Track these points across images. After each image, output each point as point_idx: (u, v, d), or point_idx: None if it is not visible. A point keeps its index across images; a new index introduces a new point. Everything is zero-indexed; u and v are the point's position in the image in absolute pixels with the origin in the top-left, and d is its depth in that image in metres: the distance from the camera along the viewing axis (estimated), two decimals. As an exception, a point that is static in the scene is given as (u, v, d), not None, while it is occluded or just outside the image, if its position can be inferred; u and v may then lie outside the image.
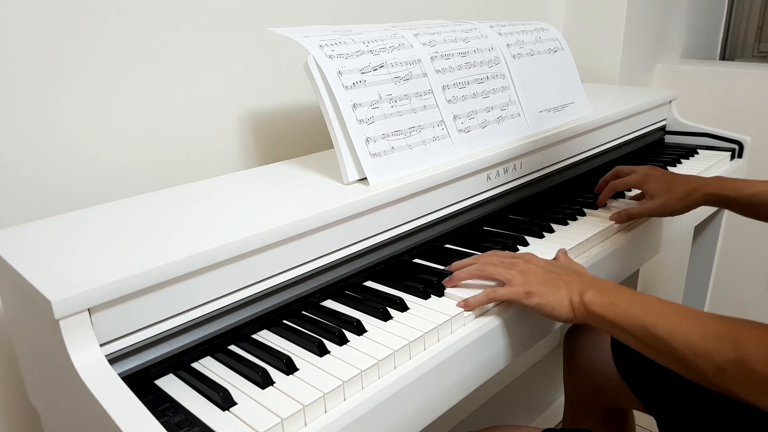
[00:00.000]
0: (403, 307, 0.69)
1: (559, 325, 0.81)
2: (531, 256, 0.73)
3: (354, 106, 0.78)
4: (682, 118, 1.41)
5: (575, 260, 0.84)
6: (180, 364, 0.60)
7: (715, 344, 0.53)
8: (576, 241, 0.86)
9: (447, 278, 0.73)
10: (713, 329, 0.54)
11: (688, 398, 0.84)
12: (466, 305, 0.68)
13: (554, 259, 0.77)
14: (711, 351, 0.53)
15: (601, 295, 0.63)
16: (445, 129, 0.87)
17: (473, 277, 0.72)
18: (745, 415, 0.78)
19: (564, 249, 0.80)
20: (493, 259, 0.73)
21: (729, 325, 0.54)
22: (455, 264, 0.75)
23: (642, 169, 0.96)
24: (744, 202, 0.88)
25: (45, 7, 0.78)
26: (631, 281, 1.82)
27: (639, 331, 0.59)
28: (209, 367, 0.61)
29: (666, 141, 1.43)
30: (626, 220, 0.93)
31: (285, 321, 0.68)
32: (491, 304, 0.71)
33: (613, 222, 0.93)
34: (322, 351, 0.61)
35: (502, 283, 0.70)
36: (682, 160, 1.28)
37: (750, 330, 0.52)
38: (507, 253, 0.75)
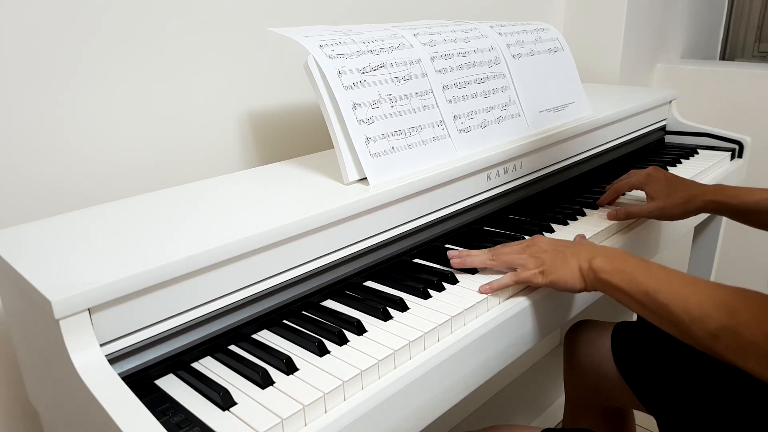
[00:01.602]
0: (403, 307, 0.69)
1: (561, 323, 0.81)
2: (538, 238, 0.76)
3: (354, 106, 0.78)
4: (682, 118, 1.41)
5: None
6: (180, 364, 0.60)
7: (710, 311, 0.56)
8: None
9: (457, 256, 0.75)
10: (710, 296, 0.56)
11: (688, 398, 0.84)
12: (490, 288, 0.71)
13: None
14: (706, 317, 0.56)
15: (609, 261, 0.66)
16: (445, 129, 0.87)
17: (486, 266, 0.76)
18: (744, 415, 0.78)
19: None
20: (505, 249, 0.75)
21: (725, 293, 0.56)
22: (465, 251, 0.77)
23: (645, 170, 0.96)
24: (745, 210, 0.87)
25: (44, 6, 0.78)
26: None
27: (642, 296, 0.62)
28: (209, 367, 0.61)
29: (666, 141, 1.43)
30: (623, 218, 0.93)
31: (285, 321, 0.68)
32: (500, 298, 0.72)
33: (611, 219, 0.93)
34: (322, 351, 0.61)
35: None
36: (682, 160, 1.28)
37: (744, 299, 0.55)
38: (515, 242, 0.77)
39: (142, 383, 0.57)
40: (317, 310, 0.70)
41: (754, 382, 0.78)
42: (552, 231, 0.90)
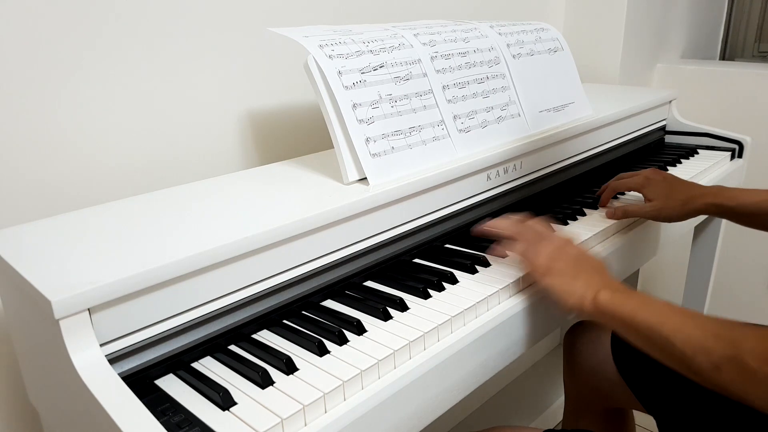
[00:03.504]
0: (403, 307, 0.69)
1: (562, 321, 0.81)
2: (569, 242, 0.75)
3: (354, 106, 0.78)
4: (682, 118, 1.41)
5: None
6: (180, 364, 0.60)
7: (713, 342, 0.55)
8: (576, 241, 0.85)
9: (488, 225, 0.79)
10: (712, 328, 0.56)
11: (688, 398, 0.84)
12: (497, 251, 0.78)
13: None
14: (709, 349, 0.55)
15: (614, 295, 0.66)
16: (445, 129, 0.87)
17: (506, 235, 0.77)
18: (744, 415, 0.78)
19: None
20: (531, 232, 0.76)
21: (727, 325, 0.56)
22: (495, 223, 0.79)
23: (644, 173, 0.96)
24: (744, 211, 0.87)
25: (44, 6, 0.78)
26: (631, 281, 1.82)
27: (645, 330, 0.62)
28: (209, 367, 0.61)
29: (666, 141, 1.43)
30: (621, 217, 0.93)
31: (285, 321, 0.68)
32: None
33: (609, 218, 0.93)
34: (322, 351, 0.61)
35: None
36: (682, 160, 1.28)
37: (746, 330, 0.54)
38: (550, 229, 0.78)
39: (142, 383, 0.57)
40: (317, 310, 0.70)
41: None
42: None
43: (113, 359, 0.55)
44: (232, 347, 0.64)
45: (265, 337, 0.65)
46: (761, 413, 0.77)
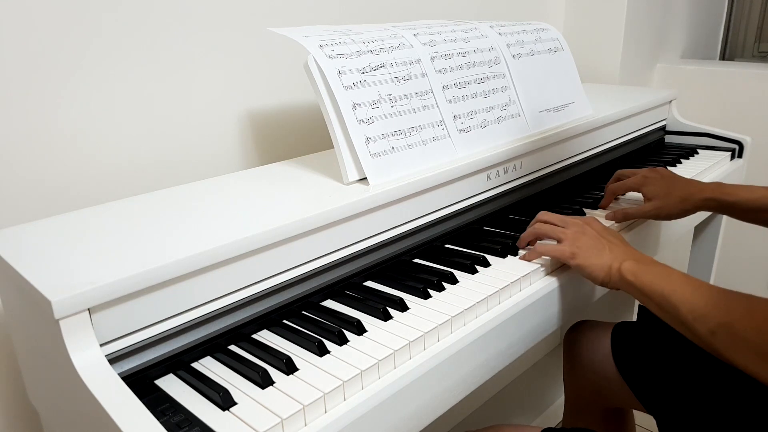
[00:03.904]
0: (403, 307, 0.69)
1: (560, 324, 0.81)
2: (591, 219, 0.81)
3: (354, 106, 0.78)
4: (682, 118, 1.41)
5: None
6: (180, 364, 0.60)
7: (711, 309, 0.62)
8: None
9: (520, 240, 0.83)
10: (712, 297, 0.62)
11: (687, 398, 0.84)
12: (525, 257, 0.79)
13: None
14: (707, 315, 0.62)
15: (637, 265, 0.71)
16: (445, 129, 0.87)
17: (532, 236, 0.82)
18: (744, 414, 0.78)
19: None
20: (550, 217, 0.81)
21: (725, 295, 0.62)
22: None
23: (641, 172, 0.96)
24: (744, 207, 0.87)
25: (45, 6, 0.78)
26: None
27: (658, 297, 0.68)
28: (209, 367, 0.61)
29: (666, 141, 1.43)
30: (622, 220, 0.93)
31: (285, 321, 0.68)
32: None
33: (613, 222, 0.93)
34: (322, 351, 0.61)
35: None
36: (682, 160, 1.28)
37: (740, 300, 0.60)
38: (567, 216, 0.82)
39: (142, 383, 0.57)
40: (317, 310, 0.70)
41: (753, 382, 0.78)
42: (552, 231, 0.90)
43: (113, 359, 0.55)
44: (232, 347, 0.64)
45: (265, 337, 0.65)
46: (761, 413, 0.77)
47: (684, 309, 0.64)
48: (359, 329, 0.64)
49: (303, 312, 0.70)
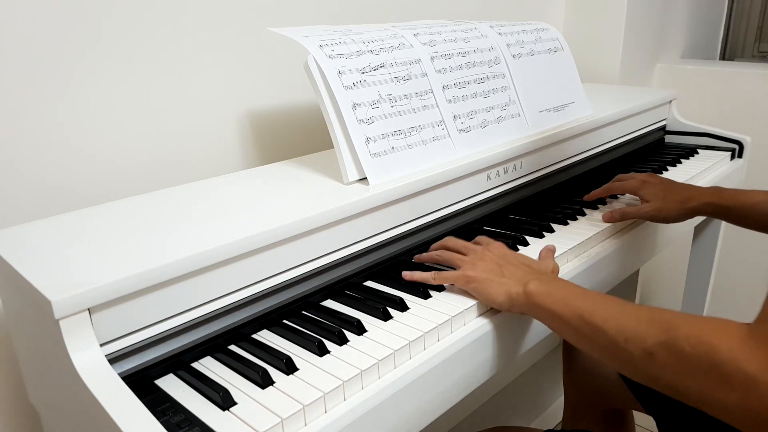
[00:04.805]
0: (403, 307, 0.69)
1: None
2: (494, 246, 0.75)
3: (354, 106, 0.78)
4: (682, 118, 1.41)
5: (575, 259, 0.84)
6: (180, 364, 0.60)
7: (647, 327, 0.53)
8: (576, 240, 0.86)
9: (408, 272, 0.75)
10: (647, 314, 0.54)
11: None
12: (406, 274, 0.74)
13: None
14: (642, 334, 0.53)
15: (542, 285, 0.65)
16: (445, 129, 0.87)
17: (432, 261, 0.78)
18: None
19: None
20: (454, 243, 0.77)
21: (662, 312, 0.54)
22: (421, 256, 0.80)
23: (640, 176, 0.96)
24: (743, 212, 0.86)
25: (44, 6, 0.78)
26: (631, 281, 1.82)
27: (575, 320, 0.60)
28: (209, 367, 0.61)
29: (666, 141, 1.43)
30: (618, 220, 0.93)
31: (285, 321, 0.68)
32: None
33: (606, 221, 0.93)
34: (322, 351, 0.61)
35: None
36: (682, 160, 1.28)
37: (680, 316, 0.53)
38: (466, 243, 0.77)
39: (142, 383, 0.57)
40: (317, 310, 0.70)
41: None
42: (552, 231, 0.90)
43: (113, 359, 0.55)
44: (232, 347, 0.64)
45: (265, 337, 0.65)
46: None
47: (611, 330, 0.56)
48: (359, 329, 0.64)
49: (303, 312, 0.70)
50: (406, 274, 0.74)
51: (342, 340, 0.62)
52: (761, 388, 0.43)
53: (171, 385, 0.58)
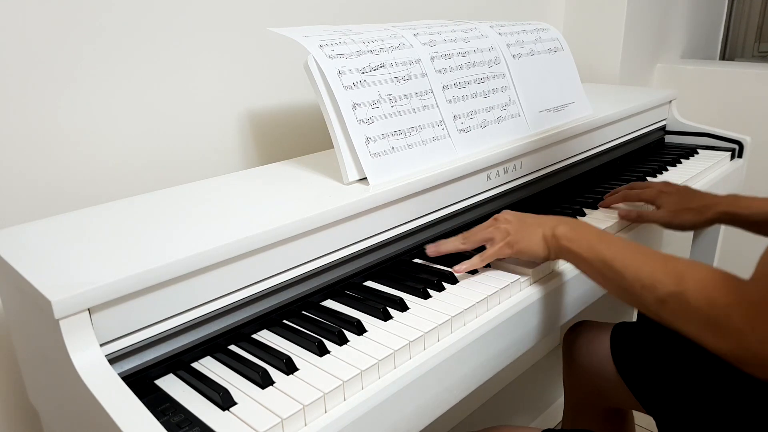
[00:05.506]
0: (403, 307, 0.69)
1: (561, 324, 0.81)
2: (504, 212, 0.78)
3: (354, 106, 0.78)
4: (682, 118, 1.41)
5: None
6: (180, 364, 0.60)
7: (661, 277, 0.59)
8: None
9: (432, 245, 0.78)
10: (662, 265, 0.60)
11: (687, 398, 0.84)
12: (458, 269, 0.75)
13: None
14: (656, 283, 0.59)
15: (571, 229, 0.69)
16: (445, 129, 0.87)
17: (459, 249, 0.78)
18: (744, 414, 0.78)
19: None
20: (474, 229, 0.79)
21: (676, 263, 0.59)
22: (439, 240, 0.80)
23: (657, 186, 0.95)
24: (760, 220, 0.85)
25: (44, 6, 0.78)
26: (631, 281, 1.82)
27: (599, 264, 0.65)
28: (209, 367, 0.61)
29: (666, 141, 1.43)
30: (634, 220, 0.93)
31: (285, 321, 0.68)
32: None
33: (622, 218, 0.92)
34: (322, 351, 0.61)
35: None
36: (682, 160, 1.28)
37: (693, 268, 0.58)
38: (471, 230, 0.79)
39: (142, 383, 0.57)
40: (317, 310, 0.70)
41: (754, 382, 0.78)
42: (552, 231, 0.90)
43: (113, 359, 0.55)
44: (232, 347, 0.64)
45: (265, 337, 0.65)
46: (760, 413, 0.77)
47: (629, 276, 0.61)
48: (359, 329, 0.64)
49: (303, 312, 0.70)
50: (458, 267, 0.75)
51: (342, 340, 0.62)
52: (747, 340, 0.51)
53: (171, 385, 0.58)
